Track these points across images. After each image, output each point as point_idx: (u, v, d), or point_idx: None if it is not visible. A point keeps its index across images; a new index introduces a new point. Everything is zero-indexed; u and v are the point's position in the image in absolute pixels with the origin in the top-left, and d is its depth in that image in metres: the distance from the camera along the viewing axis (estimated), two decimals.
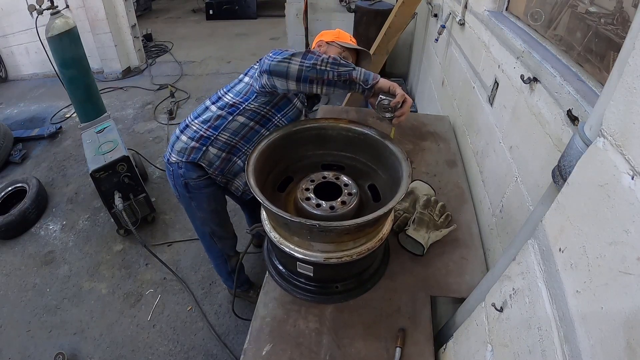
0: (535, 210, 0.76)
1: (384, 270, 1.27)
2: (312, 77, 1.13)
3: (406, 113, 1.19)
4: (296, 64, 1.13)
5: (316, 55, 1.14)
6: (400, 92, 1.15)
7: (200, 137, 1.46)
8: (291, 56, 1.14)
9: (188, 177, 1.52)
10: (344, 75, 1.13)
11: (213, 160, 1.49)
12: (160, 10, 8.66)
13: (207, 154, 1.47)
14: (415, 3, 2.91)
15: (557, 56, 1.17)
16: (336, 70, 1.12)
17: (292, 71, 1.14)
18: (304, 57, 1.13)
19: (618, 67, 0.55)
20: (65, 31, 2.73)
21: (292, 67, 1.13)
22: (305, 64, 1.12)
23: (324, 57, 1.13)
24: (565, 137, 0.96)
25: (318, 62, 1.12)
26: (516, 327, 0.73)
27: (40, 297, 2.27)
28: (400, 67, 4.54)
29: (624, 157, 0.50)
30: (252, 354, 1.04)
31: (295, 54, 1.15)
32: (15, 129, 3.88)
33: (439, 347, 1.12)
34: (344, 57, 1.50)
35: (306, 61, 1.12)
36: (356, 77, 1.14)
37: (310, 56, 1.13)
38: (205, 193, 1.59)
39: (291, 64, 1.13)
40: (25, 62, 5.12)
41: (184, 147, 1.48)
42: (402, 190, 1.00)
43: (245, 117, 1.44)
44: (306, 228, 0.96)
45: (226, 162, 1.51)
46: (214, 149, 1.47)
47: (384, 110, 1.17)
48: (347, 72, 1.13)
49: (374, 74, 1.17)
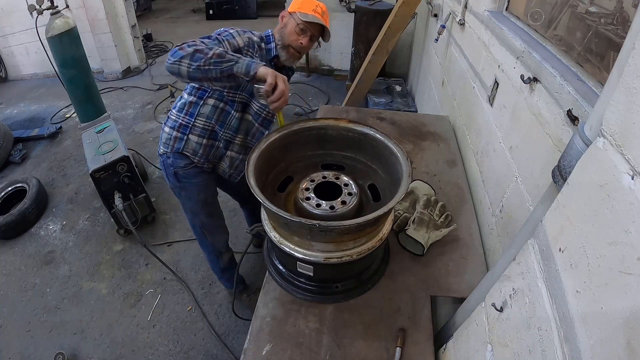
0: (535, 210, 0.76)
1: (384, 270, 1.27)
2: (200, 77, 1.18)
3: (279, 100, 1.18)
4: (185, 65, 1.17)
5: (203, 55, 1.15)
6: (270, 79, 1.14)
7: (179, 125, 1.51)
8: (181, 58, 1.16)
9: (176, 166, 1.57)
10: (226, 71, 1.16)
11: (196, 148, 1.53)
12: (160, 10, 8.65)
13: (189, 143, 1.52)
14: (415, 3, 2.91)
15: (557, 56, 1.17)
16: (218, 68, 1.15)
17: (183, 72, 1.18)
18: (192, 58, 1.16)
19: (618, 67, 0.55)
20: (65, 31, 2.73)
21: (182, 69, 1.17)
22: (192, 66, 1.16)
23: (209, 55, 1.15)
24: (565, 137, 0.96)
25: (202, 63, 1.15)
26: (516, 327, 0.73)
27: (40, 297, 2.27)
28: (400, 67, 4.54)
29: (624, 157, 0.50)
30: (252, 354, 1.04)
31: (184, 56, 1.16)
32: (15, 129, 3.88)
33: (439, 347, 1.12)
34: (299, 30, 1.45)
35: (193, 63, 1.16)
36: (237, 71, 1.16)
37: (198, 56, 1.15)
38: (194, 183, 1.62)
39: (181, 67, 1.17)
40: (25, 62, 5.12)
41: (168, 138, 1.54)
42: (402, 190, 1.00)
43: (214, 99, 1.48)
44: (306, 228, 0.96)
45: (209, 148, 1.55)
46: (194, 137, 1.51)
47: (261, 97, 1.20)
48: (229, 68, 1.16)
49: (256, 63, 1.17)
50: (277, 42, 1.48)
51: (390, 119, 2.16)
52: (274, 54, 1.49)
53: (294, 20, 1.45)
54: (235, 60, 1.17)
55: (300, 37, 1.45)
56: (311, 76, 5.00)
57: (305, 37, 1.45)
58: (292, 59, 1.52)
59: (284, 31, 1.46)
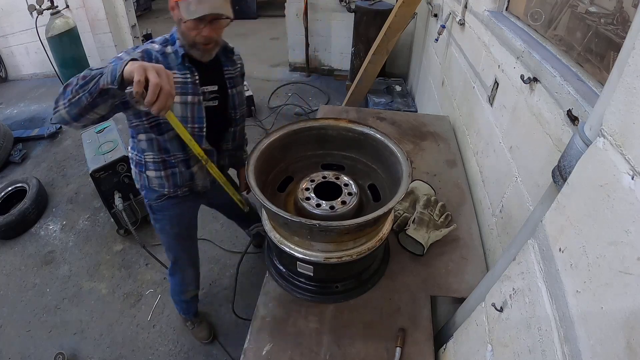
0: (535, 210, 0.76)
1: (384, 270, 1.27)
2: (77, 112, 1.01)
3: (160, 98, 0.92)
4: (61, 108, 1.00)
5: (71, 85, 0.99)
6: (137, 76, 0.89)
7: (136, 163, 1.44)
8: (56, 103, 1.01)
9: (149, 199, 1.50)
10: (94, 91, 0.96)
11: (160, 182, 1.42)
12: (160, 10, 8.65)
13: (150, 179, 1.43)
14: (415, 3, 2.91)
15: (557, 56, 1.17)
16: (87, 91, 0.97)
17: (65, 116, 1.01)
18: (64, 96, 1.00)
19: (618, 67, 0.55)
20: (65, 31, 2.74)
21: (62, 113, 1.01)
22: (66, 104, 0.99)
23: (75, 83, 0.98)
24: (565, 137, 0.96)
25: (71, 96, 0.98)
26: (516, 327, 0.73)
27: (40, 297, 2.27)
28: (400, 67, 4.54)
29: (624, 157, 0.50)
30: (252, 354, 1.04)
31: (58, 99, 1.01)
32: (15, 129, 3.88)
33: (439, 347, 1.12)
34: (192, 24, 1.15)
35: (65, 100, 0.99)
36: (104, 83, 0.94)
37: (67, 91, 0.99)
38: (168, 215, 1.54)
39: (60, 111, 1.01)
40: (25, 62, 5.11)
41: (135, 174, 1.48)
42: (402, 190, 1.00)
43: (143, 133, 1.32)
44: (306, 228, 0.96)
45: (172, 177, 1.42)
46: (151, 172, 1.41)
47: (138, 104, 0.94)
48: (95, 86, 0.96)
49: (121, 63, 0.92)
50: (181, 39, 1.24)
51: (390, 119, 2.16)
52: (182, 53, 1.23)
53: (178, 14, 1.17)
54: (99, 73, 0.96)
55: (197, 30, 1.17)
56: (311, 76, 5.00)
57: (203, 27, 1.17)
58: (209, 52, 1.26)
59: (180, 29, 1.22)
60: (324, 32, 4.74)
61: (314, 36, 4.76)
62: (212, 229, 2.64)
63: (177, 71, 1.24)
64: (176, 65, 1.24)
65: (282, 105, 4.24)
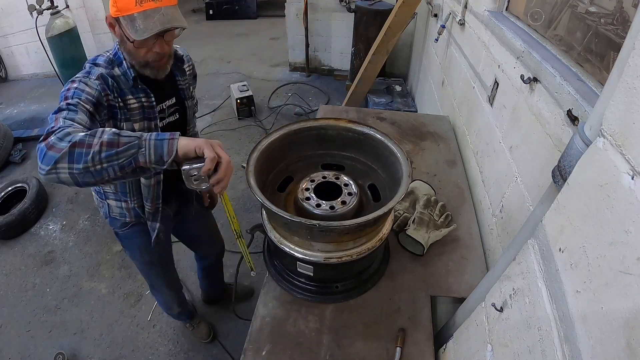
0: (535, 210, 0.76)
1: (384, 270, 1.27)
2: (93, 181, 0.82)
3: (226, 177, 0.87)
4: (65, 172, 0.80)
5: (86, 149, 0.79)
6: (210, 153, 0.83)
7: (97, 192, 1.32)
8: (56, 163, 0.79)
9: (115, 227, 1.38)
10: (128, 165, 0.81)
11: (120, 211, 1.31)
12: None
13: (111, 208, 1.31)
14: (415, 3, 2.91)
15: (557, 56, 1.17)
16: (115, 164, 0.80)
17: (67, 180, 0.81)
18: (71, 158, 0.79)
19: (618, 67, 0.55)
20: (65, 31, 2.73)
21: (63, 177, 0.80)
22: (75, 170, 0.79)
23: (96, 148, 0.79)
24: (565, 137, 0.96)
25: (90, 164, 0.79)
26: (516, 327, 0.73)
27: (40, 297, 2.27)
28: (400, 67, 4.54)
29: (624, 157, 0.50)
30: (252, 354, 1.04)
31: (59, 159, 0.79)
32: (15, 129, 3.88)
33: (439, 347, 1.12)
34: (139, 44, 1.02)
35: (77, 166, 0.79)
36: (145, 161, 0.81)
37: (79, 153, 0.79)
38: (135, 244, 1.42)
39: (61, 175, 0.80)
40: (25, 62, 5.11)
41: (98, 203, 1.35)
42: (402, 190, 1.00)
43: None
44: (306, 228, 0.96)
45: (133, 210, 1.31)
46: (112, 202, 1.30)
47: (196, 182, 0.86)
48: (130, 161, 0.81)
49: (169, 139, 0.82)
50: (128, 59, 1.09)
51: (390, 119, 2.16)
52: (132, 77, 1.09)
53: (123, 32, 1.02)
54: (136, 145, 0.81)
55: (146, 47, 1.05)
56: (311, 76, 5.00)
57: (152, 43, 1.05)
58: (164, 68, 1.14)
59: (126, 48, 1.07)
60: (324, 32, 4.74)
61: (314, 36, 4.76)
62: None
63: (131, 95, 1.11)
64: (129, 89, 1.10)
65: (282, 105, 4.24)
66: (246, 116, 4.00)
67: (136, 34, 0.98)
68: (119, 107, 1.08)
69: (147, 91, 1.14)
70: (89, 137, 0.81)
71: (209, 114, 4.15)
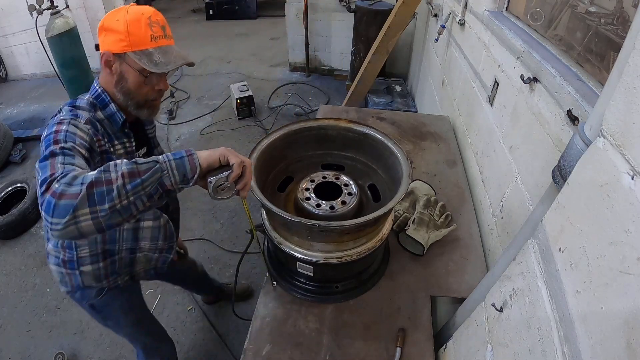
0: (535, 210, 0.76)
1: (384, 270, 1.27)
2: (120, 221, 0.74)
3: (250, 179, 0.86)
4: (87, 218, 0.70)
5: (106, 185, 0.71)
6: (235, 158, 0.81)
7: (63, 262, 1.18)
8: (74, 212, 0.69)
9: (88, 299, 1.26)
10: (155, 193, 0.76)
11: (97, 275, 1.20)
12: (160, 10, 8.55)
13: (85, 275, 1.19)
14: (415, 3, 2.91)
15: (557, 56, 1.17)
16: (143, 193, 0.74)
17: (89, 229, 0.71)
18: (92, 201, 0.70)
19: (618, 67, 0.55)
20: (65, 31, 2.74)
21: (85, 225, 0.70)
22: (100, 213, 0.71)
23: (116, 182, 0.71)
24: (565, 137, 0.96)
25: (116, 201, 0.71)
26: (516, 327, 0.73)
27: (40, 297, 2.27)
28: (400, 67, 4.54)
29: (624, 157, 0.50)
30: (252, 354, 1.04)
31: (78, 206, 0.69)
32: (15, 129, 3.88)
33: (439, 347, 1.12)
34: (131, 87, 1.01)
35: (100, 207, 0.71)
36: (171, 183, 0.77)
37: (100, 194, 0.70)
38: (116, 307, 1.32)
39: (81, 224, 0.70)
40: (25, 62, 5.12)
41: (61, 276, 1.22)
42: (402, 190, 1.00)
43: None
44: (306, 228, 0.96)
45: (111, 265, 1.22)
46: (87, 267, 1.18)
47: (223, 191, 0.83)
48: (157, 185, 0.76)
49: (187, 156, 0.79)
50: (121, 101, 1.04)
51: (390, 119, 2.16)
52: (122, 120, 1.06)
53: (132, 68, 0.99)
54: (158, 169, 0.76)
55: (150, 85, 1.04)
56: (311, 76, 5.01)
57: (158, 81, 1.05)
58: (157, 109, 1.12)
59: (126, 86, 1.02)
60: (324, 32, 4.74)
61: (314, 36, 4.76)
62: (212, 229, 2.64)
63: (117, 140, 1.07)
64: (114, 134, 1.06)
65: (282, 105, 4.24)
66: (246, 116, 4.01)
67: (157, 67, 0.97)
68: (111, 153, 1.04)
69: (131, 135, 1.11)
70: (105, 173, 0.72)
71: (209, 114, 4.15)
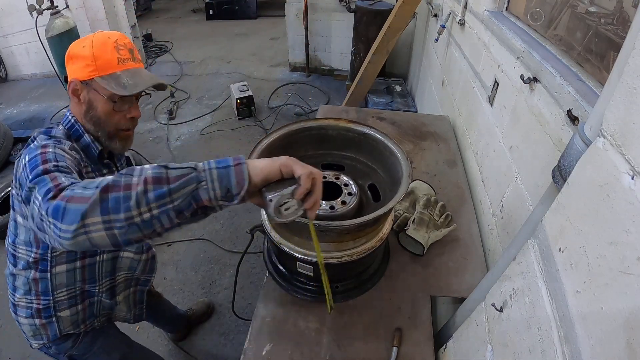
0: (535, 210, 0.76)
1: (384, 270, 1.27)
2: (140, 237, 0.60)
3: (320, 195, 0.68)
4: (99, 227, 0.58)
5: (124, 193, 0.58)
6: (302, 169, 0.65)
7: (37, 311, 1.06)
8: (83, 217, 0.58)
9: (65, 351, 1.16)
10: (187, 208, 0.60)
11: (75, 320, 1.12)
12: (160, 10, 8.65)
13: (62, 321, 1.09)
14: (415, 3, 2.91)
15: (557, 56, 1.17)
16: (170, 207, 0.59)
17: (102, 241, 0.60)
18: (104, 208, 0.58)
19: (618, 67, 0.55)
20: (65, 31, 2.74)
21: (97, 236, 0.59)
22: (115, 223, 0.58)
23: (139, 189, 0.58)
24: (565, 137, 0.96)
25: (135, 211, 0.58)
26: (516, 327, 0.73)
27: None
28: (400, 67, 4.54)
29: (624, 157, 0.50)
30: (252, 354, 1.04)
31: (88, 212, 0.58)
32: (15, 129, 3.87)
33: (439, 347, 1.12)
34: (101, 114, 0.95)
35: (114, 216, 0.58)
36: (209, 198, 0.61)
37: (115, 199, 0.58)
38: (99, 350, 1.22)
39: (92, 233, 0.59)
40: (25, 62, 5.11)
41: (34, 329, 1.09)
42: (402, 190, 1.00)
43: (64, 264, 1.01)
44: (306, 228, 0.96)
45: (89, 307, 1.14)
46: (65, 312, 1.08)
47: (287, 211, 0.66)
48: (190, 199, 0.60)
49: (234, 165, 0.62)
50: (92, 131, 0.98)
51: (390, 119, 2.16)
52: (98, 151, 1.00)
53: (100, 94, 0.92)
54: (194, 179, 0.60)
55: (121, 112, 0.97)
56: (311, 76, 5.01)
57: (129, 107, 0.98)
58: (130, 140, 1.05)
59: (95, 115, 0.95)
60: (324, 32, 4.74)
61: (314, 36, 4.76)
62: (212, 229, 2.64)
63: (98, 172, 1.02)
64: (95, 165, 1.01)
65: (282, 105, 4.24)
66: (246, 116, 4.01)
67: (125, 90, 0.91)
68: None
69: (111, 165, 1.06)
70: (126, 176, 0.60)
71: (209, 114, 4.15)
